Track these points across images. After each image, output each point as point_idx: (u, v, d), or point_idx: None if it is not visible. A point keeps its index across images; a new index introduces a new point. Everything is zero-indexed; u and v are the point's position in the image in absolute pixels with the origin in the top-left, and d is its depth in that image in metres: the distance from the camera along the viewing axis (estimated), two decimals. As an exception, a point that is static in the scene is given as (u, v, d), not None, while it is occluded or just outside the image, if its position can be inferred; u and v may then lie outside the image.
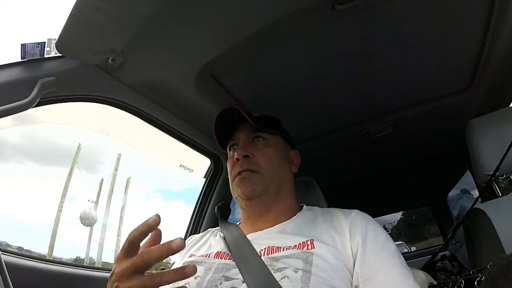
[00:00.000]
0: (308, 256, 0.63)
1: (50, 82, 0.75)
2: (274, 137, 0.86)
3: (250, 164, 0.78)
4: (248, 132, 0.84)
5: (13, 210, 15.08)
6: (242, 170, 0.78)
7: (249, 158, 0.79)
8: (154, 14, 0.72)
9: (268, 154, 0.81)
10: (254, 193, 0.77)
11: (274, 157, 0.82)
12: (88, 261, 8.31)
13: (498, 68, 1.11)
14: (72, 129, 1.03)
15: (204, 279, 0.66)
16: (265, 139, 0.84)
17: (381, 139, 1.50)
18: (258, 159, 0.79)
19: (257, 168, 0.78)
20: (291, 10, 0.81)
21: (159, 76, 0.94)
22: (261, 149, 0.81)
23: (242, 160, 0.79)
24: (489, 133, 1.05)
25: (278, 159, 0.83)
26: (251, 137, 0.84)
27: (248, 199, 0.78)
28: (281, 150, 0.86)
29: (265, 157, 0.80)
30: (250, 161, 0.79)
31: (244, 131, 0.85)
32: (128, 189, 10.85)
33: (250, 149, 0.80)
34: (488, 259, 0.68)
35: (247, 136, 0.84)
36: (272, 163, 0.81)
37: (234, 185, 0.80)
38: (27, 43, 0.73)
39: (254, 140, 0.84)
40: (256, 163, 0.79)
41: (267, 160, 0.80)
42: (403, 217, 5.06)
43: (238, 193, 0.79)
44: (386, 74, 1.14)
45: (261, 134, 0.84)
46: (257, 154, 0.80)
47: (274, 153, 0.83)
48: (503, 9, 0.89)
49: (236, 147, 0.85)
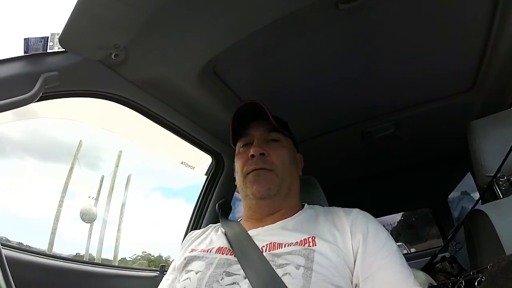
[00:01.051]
0: (309, 253, 0.63)
1: (52, 77, 0.75)
2: (286, 139, 0.86)
3: (266, 163, 0.78)
4: (264, 131, 0.84)
5: (13, 206, 15.11)
6: (258, 168, 0.77)
7: (265, 156, 0.78)
8: (157, 10, 0.72)
9: (282, 154, 0.81)
10: (268, 193, 0.76)
11: (287, 158, 0.82)
12: (87, 257, 8.34)
13: (500, 69, 1.11)
14: (73, 126, 1.04)
15: (205, 274, 0.66)
16: (280, 140, 0.84)
17: (382, 139, 1.50)
18: (273, 158, 0.79)
19: (272, 167, 0.78)
20: (294, 9, 0.81)
21: (162, 73, 0.94)
22: (276, 149, 0.81)
23: (258, 157, 0.78)
24: (491, 135, 1.05)
25: (290, 161, 0.83)
26: (267, 136, 0.83)
27: (261, 198, 0.77)
28: (292, 153, 0.86)
29: (280, 157, 0.80)
30: (266, 159, 0.78)
31: (259, 129, 0.84)
32: (128, 186, 10.88)
33: (266, 148, 0.79)
34: (488, 260, 0.68)
35: (263, 134, 0.83)
36: (285, 164, 0.80)
37: (247, 182, 0.79)
38: (30, 37, 0.73)
39: (269, 139, 0.83)
40: (272, 162, 0.78)
41: (281, 161, 0.80)
42: (403, 219, 5.06)
43: (251, 191, 0.78)
44: (388, 74, 1.14)
45: (277, 134, 0.84)
46: (272, 154, 0.79)
47: (287, 154, 0.83)
48: (506, 11, 0.88)
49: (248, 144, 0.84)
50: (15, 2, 1.14)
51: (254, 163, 0.78)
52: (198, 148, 1.33)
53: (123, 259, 11.19)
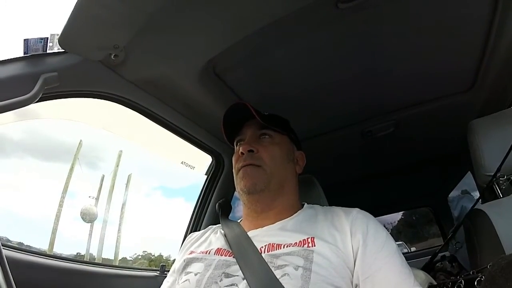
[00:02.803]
0: (308, 254, 0.63)
1: (52, 78, 0.75)
2: (280, 135, 0.86)
3: (254, 158, 0.79)
4: (255, 129, 0.85)
5: (13, 206, 15.12)
6: (246, 164, 0.79)
7: (253, 153, 0.80)
8: (157, 10, 0.72)
9: (272, 151, 0.82)
10: (255, 188, 0.77)
11: (278, 154, 0.83)
12: (88, 257, 8.35)
13: (501, 69, 1.11)
14: (74, 126, 1.04)
15: (204, 276, 0.66)
16: (271, 136, 0.85)
17: (382, 138, 1.50)
18: (262, 155, 0.80)
19: (259, 163, 0.79)
20: (294, 8, 0.81)
21: (161, 73, 0.94)
22: (266, 146, 0.82)
23: (247, 154, 0.80)
24: (491, 134, 1.05)
25: (282, 157, 0.83)
26: (258, 133, 0.85)
27: (250, 193, 0.78)
28: (286, 149, 0.86)
29: (268, 154, 0.81)
30: (254, 155, 0.80)
31: (251, 127, 0.86)
32: (129, 185, 10.89)
33: (255, 145, 0.81)
34: (488, 259, 0.68)
35: (253, 132, 0.85)
36: (275, 160, 0.81)
37: (238, 178, 0.81)
38: (30, 38, 0.73)
39: (260, 137, 0.85)
40: (260, 158, 0.80)
41: (271, 157, 0.81)
42: (403, 218, 5.05)
43: (241, 187, 0.80)
44: (388, 73, 1.14)
45: (267, 132, 0.85)
46: (262, 150, 0.81)
47: (279, 150, 0.83)
48: (506, 11, 0.88)
49: (242, 142, 0.85)
50: (15, 3, 1.14)
51: (243, 159, 0.80)
52: (198, 147, 1.33)
53: (123, 259, 11.23)
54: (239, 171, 0.81)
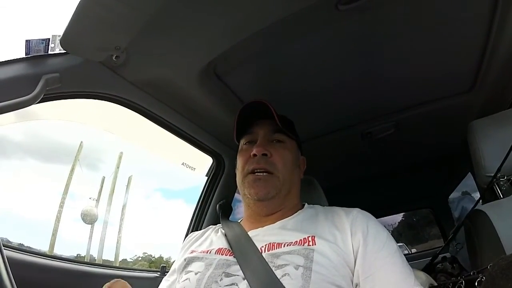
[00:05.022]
0: (309, 253, 0.63)
1: (54, 79, 0.75)
2: (290, 140, 0.85)
3: (268, 164, 0.77)
4: (269, 130, 0.83)
5: (14, 207, 15.11)
6: (259, 168, 0.77)
7: (267, 157, 0.78)
8: (158, 11, 0.72)
9: (285, 156, 0.80)
10: (267, 196, 0.76)
11: (289, 160, 0.81)
12: (88, 258, 8.33)
13: (500, 70, 1.11)
14: (74, 127, 1.04)
15: (204, 275, 0.66)
16: (284, 141, 0.83)
17: (382, 140, 1.50)
18: (275, 160, 0.78)
19: (273, 170, 0.77)
20: (294, 10, 0.81)
21: (162, 74, 0.94)
22: (279, 150, 0.80)
23: (260, 157, 0.77)
24: (491, 135, 1.05)
25: (292, 163, 0.82)
26: (271, 136, 0.82)
27: (259, 200, 0.77)
28: (295, 155, 0.85)
29: (282, 159, 0.79)
30: (267, 160, 0.77)
31: (264, 128, 0.83)
32: (129, 187, 10.88)
33: (269, 148, 0.79)
34: (488, 260, 0.68)
35: (267, 134, 0.82)
36: (287, 165, 0.79)
37: (246, 182, 0.78)
38: (31, 39, 0.74)
39: (273, 140, 0.82)
40: (273, 163, 0.77)
41: (283, 162, 0.79)
42: (404, 219, 5.04)
43: (249, 192, 0.77)
44: (388, 74, 1.14)
45: (281, 135, 0.83)
46: (275, 155, 0.78)
47: (290, 156, 0.82)
48: (506, 11, 0.88)
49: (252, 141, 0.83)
50: (17, 4, 1.15)
51: (256, 162, 0.77)
52: (198, 149, 1.33)
53: (124, 260, 11.21)
54: (249, 174, 0.78)
